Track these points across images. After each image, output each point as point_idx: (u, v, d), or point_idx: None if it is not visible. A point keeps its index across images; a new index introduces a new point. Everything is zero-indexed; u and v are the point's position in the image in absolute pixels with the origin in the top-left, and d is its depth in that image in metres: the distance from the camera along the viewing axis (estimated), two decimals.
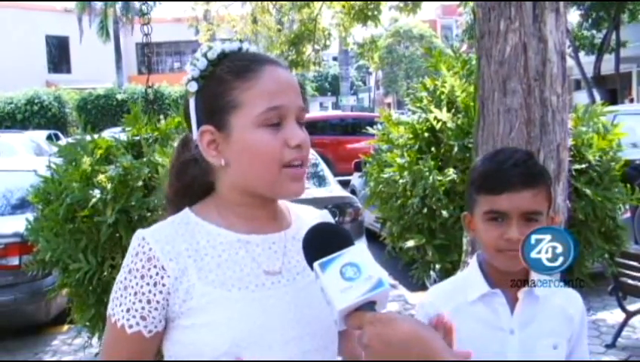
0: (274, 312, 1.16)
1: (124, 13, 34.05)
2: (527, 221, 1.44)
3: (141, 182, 3.39)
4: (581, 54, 21.37)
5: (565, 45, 3.11)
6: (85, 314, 3.54)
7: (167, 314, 1.16)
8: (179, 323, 1.15)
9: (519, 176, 1.45)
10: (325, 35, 11.62)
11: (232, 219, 1.21)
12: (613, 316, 5.37)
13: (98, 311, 3.44)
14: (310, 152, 1.23)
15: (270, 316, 1.15)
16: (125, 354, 1.17)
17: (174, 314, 1.15)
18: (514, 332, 1.50)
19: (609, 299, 5.29)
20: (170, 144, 3.52)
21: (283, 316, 1.16)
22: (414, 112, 4.47)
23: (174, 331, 1.17)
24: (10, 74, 31.46)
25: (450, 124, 4.07)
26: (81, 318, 3.59)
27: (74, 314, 3.69)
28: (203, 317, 1.13)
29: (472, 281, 1.54)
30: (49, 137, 15.66)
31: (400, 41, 43.55)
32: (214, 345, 1.11)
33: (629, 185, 4.10)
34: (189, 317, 1.14)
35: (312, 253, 1.07)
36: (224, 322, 1.12)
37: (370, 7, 10.53)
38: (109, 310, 1.19)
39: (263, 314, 1.14)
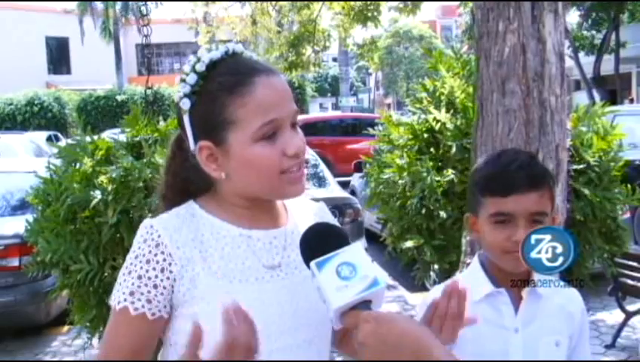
0: (272, 304, 1.20)
1: (123, 14, 34.04)
2: (533, 222, 1.45)
3: (142, 183, 3.39)
4: (581, 55, 21.38)
5: (564, 46, 3.12)
6: (86, 315, 3.53)
7: (172, 301, 1.19)
8: (181, 312, 1.19)
9: (525, 178, 1.46)
10: (325, 37, 11.61)
11: (234, 214, 1.26)
12: (612, 316, 5.38)
13: (99, 312, 3.45)
14: (310, 153, 1.26)
15: (268, 307, 1.19)
16: (126, 337, 1.19)
17: (178, 301, 1.19)
18: (518, 331, 1.51)
19: (609, 299, 5.29)
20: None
21: (280, 307, 1.21)
22: (414, 113, 4.48)
23: (176, 320, 1.20)
24: (10, 75, 31.48)
25: (449, 124, 4.07)
26: (82, 319, 3.59)
27: (74, 314, 3.69)
28: (205, 307, 1.16)
29: (476, 281, 1.55)
30: (49, 138, 15.70)
31: (400, 42, 43.59)
32: (214, 334, 1.12)
33: (629, 185, 4.10)
34: (191, 306, 1.18)
35: (308, 253, 1.10)
36: None
37: (370, 8, 10.52)
38: (110, 301, 1.20)
39: (261, 306, 1.17)
